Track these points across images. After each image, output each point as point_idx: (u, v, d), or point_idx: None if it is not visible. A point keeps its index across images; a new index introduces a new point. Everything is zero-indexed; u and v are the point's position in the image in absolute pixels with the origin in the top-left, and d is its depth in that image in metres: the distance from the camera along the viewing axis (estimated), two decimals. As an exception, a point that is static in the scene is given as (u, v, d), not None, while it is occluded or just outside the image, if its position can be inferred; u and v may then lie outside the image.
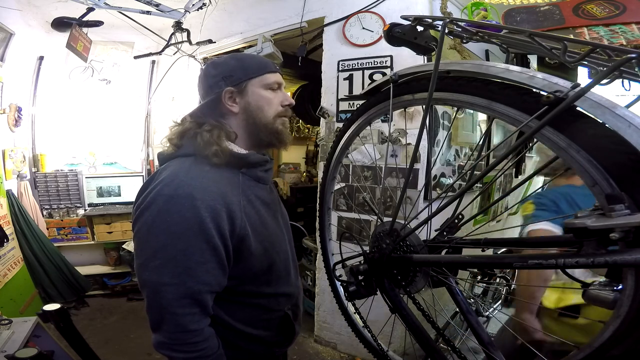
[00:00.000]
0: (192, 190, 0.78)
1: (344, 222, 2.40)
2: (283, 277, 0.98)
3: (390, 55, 2.24)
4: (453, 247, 0.81)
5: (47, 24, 3.14)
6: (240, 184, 0.90)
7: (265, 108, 0.94)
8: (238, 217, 0.83)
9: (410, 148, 2.13)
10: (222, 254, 0.81)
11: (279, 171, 5.58)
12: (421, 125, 0.76)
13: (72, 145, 3.62)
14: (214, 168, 0.86)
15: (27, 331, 1.42)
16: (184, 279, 0.77)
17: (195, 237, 0.77)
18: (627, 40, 0.83)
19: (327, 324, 2.64)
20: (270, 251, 0.91)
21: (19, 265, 2.70)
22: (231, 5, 3.05)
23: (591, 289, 0.54)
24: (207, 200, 0.78)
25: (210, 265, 0.79)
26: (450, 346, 0.81)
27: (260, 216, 0.91)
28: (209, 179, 0.83)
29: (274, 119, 0.95)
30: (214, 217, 0.78)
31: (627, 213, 0.46)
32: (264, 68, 0.96)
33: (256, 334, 0.93)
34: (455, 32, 0.86)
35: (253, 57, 0.99)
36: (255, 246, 0.86)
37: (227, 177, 0.88)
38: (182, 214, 0.77)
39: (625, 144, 0.48)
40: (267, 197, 0.98)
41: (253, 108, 0.94)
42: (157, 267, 0.77)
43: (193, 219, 0.77)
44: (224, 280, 0.84)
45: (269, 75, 0.96)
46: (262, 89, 0.95)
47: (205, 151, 0.86)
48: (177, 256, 0.77)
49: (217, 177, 0.85)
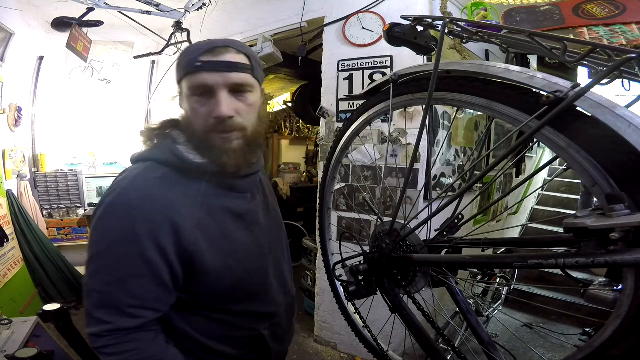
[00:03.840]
0: (132, 200, 0.72)
1: (344, 222, 2.40)
2: (258, 296, 0.87)
3: (390, 55, 2.24)
4: (453, 247, 0.81)
5: (47, 24, 3.14)
6: (200, 193, 0.79)
7: (194, 121, 0.78)
8: (187, 232, 0.74)
9: (410, 148, 2.13)
10: (160, 269, 0.72)
11: (279, 171, 5.59)
12: (421, 125, 0.76)
13: (72, 145, 3.62)
14: (168, 175, 0.77)
15: (27, 331, 1.42)
16: (112, 290, 0.71)
17: (128, 249, 0.70)
18: (627, 40, 0.83)
19: (327, 324, 2.64)
20: (234, 268, 0.80)
21: (19, 265, 2.70)
22: (231, 5, 3.05)
23: (591, 289, 0.54)
24: (145, 211, 0.71)
25: (144, 280, 0.71)
26: (450, 346, 0.81)
27: (224, 230, 0.80)
28: (156, 188, 0.74)
29: (205, 134, 0.78)
30: (151, 229, 0.71)
31: (627, 213, 0.46)
32: (185, 66, 0.77)
33: (221, 350, 0.84)
34: (455, 32, 0.86)
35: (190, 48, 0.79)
36: (213, 263, 0.77)
37: (182, 186, 0.77)
38: (117, 224, 0.71)
39: (625, 144, 0.48)
40: (243, 207, 0.86)
41: (188, 118, 0.81)
42: (92, 273, 0.72)
43: (128, 229, 0.70)
44: (168, 298, 0.76)
45: (189, 78, 0.77)
46: (187, 95, 0.78)
47: (160, 157, 0.79)
48: (108, 265, 0.71)
49: (166, 186, 0.75)
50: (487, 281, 2.40)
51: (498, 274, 2.74)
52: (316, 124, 4.83)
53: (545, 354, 2.63)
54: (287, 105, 5.32)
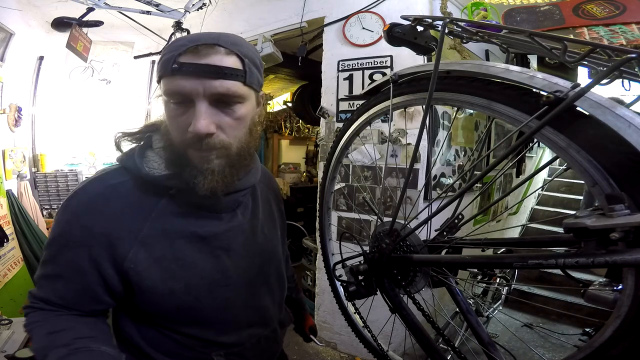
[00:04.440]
0: (77, 205, 0.70)
1: (344, 222, 2.40)
2: (212, 325, 0.79)
3: (390, 55, 2.24)
4: (453, 247, 0.81)
5: (47, 24, 3.14)
6: (155, 210, 0.72)
7: (171, 130, 0.69)
8: (124, 247, 0.69)
9: (410, 148, 2.13)
10: (88, 278, 0.70)
11: (279, 171, 5.59)
12: (421, 125, 0.76)
13: (72, 145, 3.61)
14: (126, 184, 0.72)
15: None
16: (43, 283, 0.72)
17: (63, 249, 0.70)
18: (627, 40, 0.83)
19: (327, 324, 2.64)
20: (179, 294, 0.73)
21: (19, 265, 2.70)
22: (231, 5, 3.05)
23: (591, 289, 0.54)
24: (84, 219, 0.69)
25: (72, 285, 0.70)
26: (450, 346, 0.81)
27: (175, 252, 0.73)
28: (103, 197, 0.70)
29: (181, 148, 0.68)
30: (86, 237, 0.68)
31: (627, 213, 0.46)
32: (161, 67, 0.66)
33: None
34: (455, 32, 0.86)
35: (172, 45, 0.67)
36: (152, 285, 0.71)
37: (135, 199, 0.71)
38: (60, 225, 0.71)
39: (625, 143, 0.48)
40: (209, 229, 0.76)
41: (165, 124, 0.71)
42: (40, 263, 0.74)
43: (66, 232, 0.70)
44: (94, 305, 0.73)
45: (164, 81, 0.66)
46: (164, 100, 0.68)
47: (125, 163, 0.75)
48: (47, 260, 0.72)
49: (115, 196, 0.71)
50: (487, 281, 2.40)
51: (498, 274, 2.74)
52: (316, 124, 4.83)
53: (545, 354, 2.63)
54: (287, 105, 5.33)
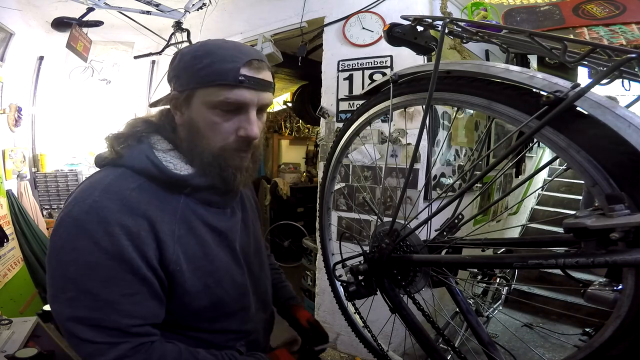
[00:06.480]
0: (107, 214, 0.63)
1: (344, 222, 2.40)
2: (236, 315, 0.82)
3: (390, 55, 2.24)
4: (453, 247, 0.81)
5: (47, 24, 3.13)
6: (179, 208, 0.73)
7: (209, 135, 0.72)
8: (169, 249, 0.68)
9: (410, 148, 2.13)
10: (154, 283, 0.68)
11: (279, 171, 5.59)
12: (421, 125, 0.76)
13: (72, 145, 3.61)
14: (145, 187, 0.70)
15: (27, 331, 1.41)
16: (106, 313, 0.63)
17: (117, 267, 0.63)
18: (627, 40, 0.84)
19: (327, 324, 2.63)
20: (213, 288, 0.75)
21: (19, 265, 2.70)
22: (231, 5, 3.05)
23: (591, 289, 0.54)
24: (127, 226, 0.64)
25: (141, 297, 0.66)
26: (450, 346, 0.81)
27: (204, 248, 0.75)
28: (132, 200, 0.67)
29: (220, 150, 0.72)
30: (137, 244, 0.65)
31: (627, 213, 0.46)
32: (217, 76, 0.68)
33: None
34: (455, 32, 0.86)
35: (217, 54, 0.69)
36: (192, 283, 0.72)
37: (159, 200, 0.70)
38: (96, 242, 0.62)
39: (625, 144, 0.48)
40: (223, 223, 0.80)
41: (195, 129, 0.73)
42: (70, 300, 0.63)
43: (111, 248, 0.62)
44: (161, 312, 0.71)
45: (220, 90, 0.68)
46: (206, 107, 0.70)
47: (136, 164, 0.71)
48: (94, 288, 0.63)
49: (143, 199, 0.68)
50: (487, 281, 2.40)
51: (498, 274, 2.74)
52: (316, 124, 4.83)
53: (545, 354, 2.63)
54: (287, 105, 5.33)
